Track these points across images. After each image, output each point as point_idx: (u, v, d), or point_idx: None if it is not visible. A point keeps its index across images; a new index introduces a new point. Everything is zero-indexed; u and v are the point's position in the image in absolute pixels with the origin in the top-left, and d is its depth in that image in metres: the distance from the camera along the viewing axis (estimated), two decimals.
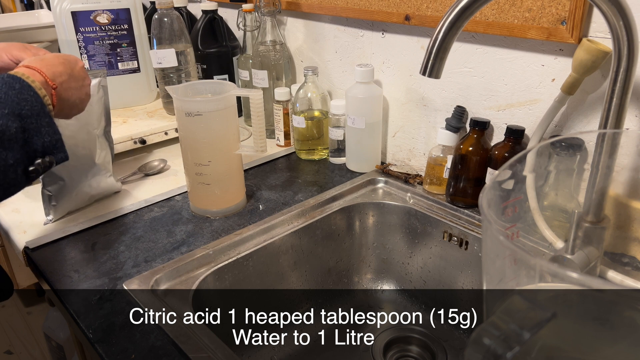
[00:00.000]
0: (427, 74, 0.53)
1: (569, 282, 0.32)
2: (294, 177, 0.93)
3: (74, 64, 0.66)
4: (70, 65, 0.65)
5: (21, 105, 0.54)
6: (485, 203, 0.40)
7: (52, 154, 0.57)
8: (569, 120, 0.70)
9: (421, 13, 0.79)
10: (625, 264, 0.64)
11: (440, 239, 0.80)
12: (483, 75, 0.78)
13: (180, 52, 1.04)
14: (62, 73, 0.63)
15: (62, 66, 0.63)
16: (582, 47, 0.62)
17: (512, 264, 0.38)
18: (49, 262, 0.70)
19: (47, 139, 0.57)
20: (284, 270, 0.80)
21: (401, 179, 0.89)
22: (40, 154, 0.56)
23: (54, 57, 0.65)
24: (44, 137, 0.56)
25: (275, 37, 1.02)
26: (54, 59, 0.63)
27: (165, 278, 0.67)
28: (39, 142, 0.56)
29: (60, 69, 0.63)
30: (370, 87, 0.88)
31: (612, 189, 0.62)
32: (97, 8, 1.06)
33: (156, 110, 1.15)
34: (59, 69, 0.62)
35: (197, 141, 0.75)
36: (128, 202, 0.84)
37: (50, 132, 0.57)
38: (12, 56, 0.69)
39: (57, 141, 0.58)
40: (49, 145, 0.57)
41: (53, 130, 0.57)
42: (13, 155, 0.53)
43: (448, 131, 0.80)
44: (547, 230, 0.63)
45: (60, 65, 0.63)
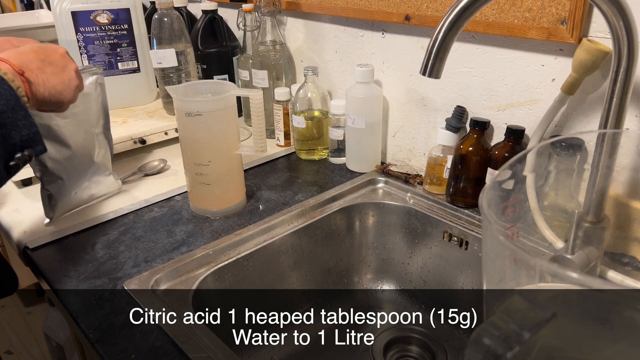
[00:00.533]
0: (427, 74, 0.53)
1: (569, 282, 0.32)
2: (294, 177, 0.93)
3: (51, 50, 0.65)
4: (45, 52, 0.64)
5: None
6: (485, 203, 0.40)
7: (30, 147, 0.57)
8: (569, 120, 0.70)
9: (421, 13, 0.79)
10: (625, 264, 0.64)
11: (440, 239, 0.80)
12: (483, 75, 0.78)
13: (180, 52, 1.04)
14: (33, 59, 0.61)
15: (34, 53, 0.62)
16: (582, 47, 0.62)
17: (512, 264, 0.38)
18: (49, 262, 0.70)
19: (24, 132, 0.56)
20: (284, 270, 0.80)
21: (401, 179, 0.89)
22: (19, 148, 0.56)
23: (27, 47, 0.64)
24: (21, 130, 0.55)
25: (275, 37, 1.02)
26: (26, 49, 0.62)
27: (165, 278, 0.67)
28: (17, 137, 0.55)
29: (31, 56, 0.61)
30: (370, 87, 0.88)
31: (612, 189, 0.62)
32: (97, 8, 1.06)
33: (156, 110, 1.15)
34: (28, 56, 0.61)
35: (197, 141, 0.75)
36: (128, 202, 0.84)
37: (27, 125, 0.56)
38: None
39: (34, 134, 0.57)
40: (27, 139, 0.56)
41: (29, 122, 0.57)
42: None
43: (448, 131, 0.80)
44: (547, 230, 0.63)
45: (31, 53, 0.62)
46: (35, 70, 0.61)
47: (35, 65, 0.61)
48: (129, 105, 1.17)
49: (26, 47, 0.63)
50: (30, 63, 0.61)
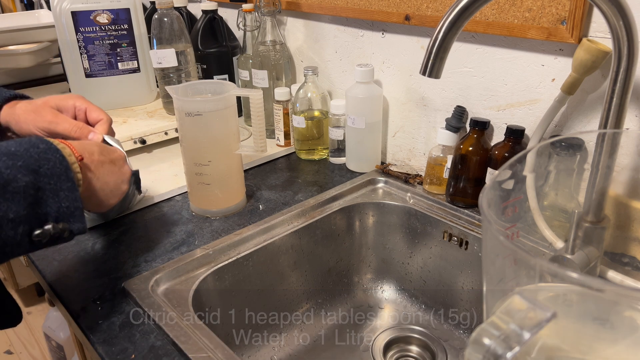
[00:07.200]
0: (427, 74, 0.53)
1: (569, 282, 0.32)
2: (294, 177, 0.93)
3: (112, 150, 0.65)
4: (108, 149, 0.63)
5: (40, 162, 0.49)
6: (485, 203, 0.40)
7: (67, 221, 0.51)
8: (569, 120, 0.70)
9: (421, 13, 0.79)
10: (625, 264, 0.64)
11: (440, 239, 0.80)
12: (483, 75, 0.78)
13: (180, 52, 1.04)
14: (95, 151, 0.60)
15: (97, 147, 0.61)
16: (582, 47, 0.62)
17: (512, 264, 0.38)
18: (49, 261, 0.70)
19: (64, 204, 0.51)
20: (284, 270, 0.80)
21: (401, 179, 0.89)
22: (52, 218, 0.50)
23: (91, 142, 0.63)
24: (61, 201, 0.50)
25: (275, 37, 1.02)
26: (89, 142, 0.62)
27: (165, 278, 0.67)
28: (54, 206, 0.50)
29: (94, 148, 0.60)
30: (370, 87, 0.88)
31: (612, 189, 0.62)
32: (97, 8, 1.06)
33: (156, 110, 1.15)
34: (91, 148, 0.60)
35: (197, 141, 0.75)
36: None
37: (70, 198, 0.51)
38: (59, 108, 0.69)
39: (76, 209, 0.52)
40: (65, 212, 0.51)
41: (74, 196, 0.52)
42: (16, 209, 0.47)
43: (448, 131, 0.80)
44: (547, 230, 0.63)
45: (94, 146, 0.61)
46: (96, 161, 0.59)
47: (97, 158, 0.60)
48: (129, 105, 1.17)
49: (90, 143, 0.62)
50: (92, 154, 0.59)
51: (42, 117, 0.67)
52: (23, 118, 0.67)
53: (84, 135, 0.68)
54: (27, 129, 0.67)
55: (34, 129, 0.67)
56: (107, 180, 0.61)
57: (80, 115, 0.72)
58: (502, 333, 0.31)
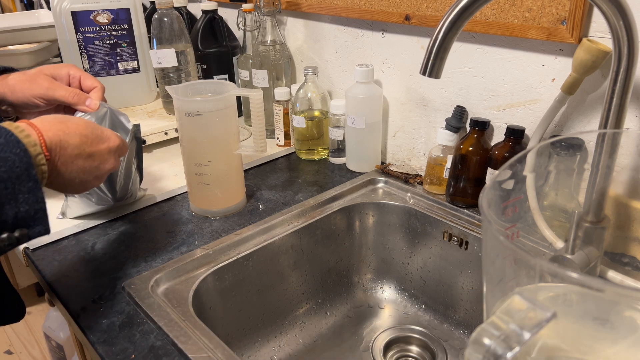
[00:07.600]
0: (427, 74, 0.53)
1: (569, 282, 0.32)
2: (294, 177, 0.93)
3: (98, 140, 0.58)
4: (91, 141, 0.56)
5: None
6: (485, 203, 0.40)
7: (27, 226, 0.47)
8: (569, 120, 0.70)
9: (421, 13, 0.79)
10: (625, 264, 0.64)
11: (440, 239, 0.80)
12: (483, 75, 0.78)
13: (180, 52, 1.04)
14: (70, 145, 0.53)
15: (79, 137, 0.55)
16: (582, 47, 0.62)
17: (512, 264, 0.38)
18: (49, 262, 0.70)
19: (23, 208, 0.46)
20: (284, 270, 0.80)
21: (401, 179, 0.89)
22: (9, 227, 0.46)
23: (79, 128, 0.55)
24: (19, 205, 0.46)
25: (275, 37, 1.02)
26: (75, 129, 0.55)
27: (165, 278, 0.67)
28: (11, 212, 0.45)
29: (74, 140, 0.54)
30: (370, 87, 0.88)
31: (612, 189, 0.62)
32: (97, 8, 1.06)
33: (156, 110, 1.15)
34: (71, 140, 0.53)
35: (197, 141, 0.75)
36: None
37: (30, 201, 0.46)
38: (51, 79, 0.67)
39: (37, 212, 0.47)
40: (24, 216, 0.46)
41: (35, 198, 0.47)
42: None
43: (448, 131, 0.80)
44: (547, 230, 0.63)
45: (76, 137, 0.54)
46: (67, 156, 0.53)
47: (71, 152, 0.53)
48: (129, 105, 1.17)
49: (76, 128, 0.55)
50: (65, 148, 0.53)
51: (39, 84, 0.66)
52: (19, 87, 0.66)
53: (81, 101, 0.68)
54: (22, 97, 0.66)
55: (31, 97, 0.66)
56: (74, 177, 0.56)
57: (74, 83, 0.71)
58: (502, 333, 0.31)
